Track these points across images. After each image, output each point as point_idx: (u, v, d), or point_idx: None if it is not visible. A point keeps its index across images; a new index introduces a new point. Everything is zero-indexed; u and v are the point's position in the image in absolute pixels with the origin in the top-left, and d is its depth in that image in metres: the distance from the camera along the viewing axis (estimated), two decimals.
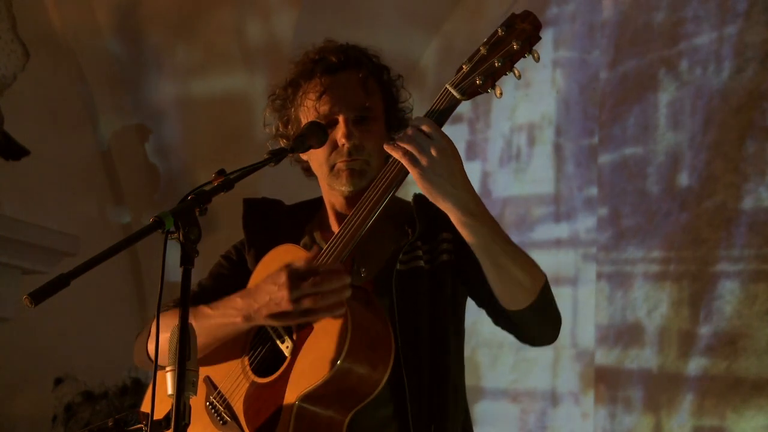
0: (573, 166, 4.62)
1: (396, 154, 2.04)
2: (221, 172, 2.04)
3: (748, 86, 4.08)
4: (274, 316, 2.10)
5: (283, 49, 4.88)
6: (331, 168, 2.27)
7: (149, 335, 2.28)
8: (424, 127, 2.03)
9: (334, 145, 2.25)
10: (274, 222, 2.40)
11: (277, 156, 2.15)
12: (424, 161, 2.01)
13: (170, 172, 5.37)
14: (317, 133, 2.22)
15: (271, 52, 4.97)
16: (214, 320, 2.19)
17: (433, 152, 2.00)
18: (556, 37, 4.67)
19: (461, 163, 2.04)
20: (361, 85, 2.27)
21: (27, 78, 4.69)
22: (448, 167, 2.01)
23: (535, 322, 2.18)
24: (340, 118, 2.25)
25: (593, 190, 4.50)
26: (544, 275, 2.15)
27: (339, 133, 2.24)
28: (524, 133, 4.80)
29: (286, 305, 2.07)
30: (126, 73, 5.31)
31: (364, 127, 2.26)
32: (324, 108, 2.25)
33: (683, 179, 4.21)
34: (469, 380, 2.35)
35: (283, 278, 2.07)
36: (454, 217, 2.04)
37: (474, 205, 2.04)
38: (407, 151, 2.02)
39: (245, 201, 2.45)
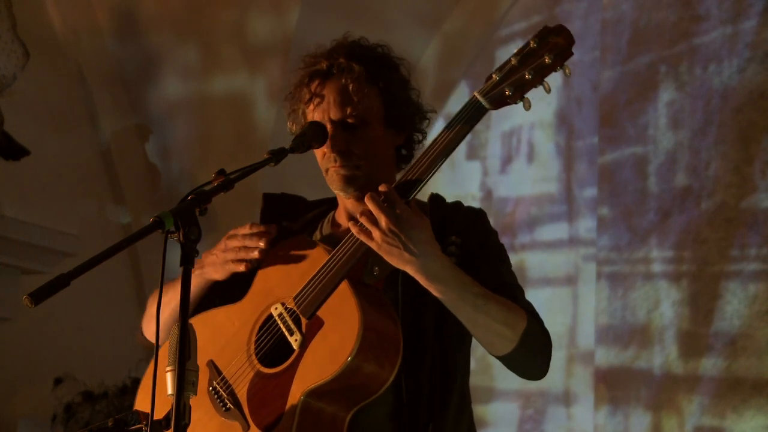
0: (574, 166, 4.62)
1: (354, 230, 2.09)
2: (221, 172, 2.06)
3: (749, 86, 4.08)
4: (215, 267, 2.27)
5: (284, 50, 4.88)
6: (326, 171, 2.29)
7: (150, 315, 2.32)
8: (387, 198, 2.06)
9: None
10: (292, 217, 2.41)
11: (276, 156, 2.17)
12: (376, 235, 2.05)
13: (170, 172, 5.37)
14: (317, 133, 2.24)
15: (272, 52, 4.97)
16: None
17: (384, 225, 2.03)
18: None
19: (423, 230, 2.07)
20: (351, 91, 2.25)
21: (27, 78, 4.69)
22: (402, 236, 2.04)
23: (518, 364, 2.21)
24: (327, 126, 2.25)
25: (593, 190, 4.49)
26: (525, 319, 2.16)
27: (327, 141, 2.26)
28: (526, 132, 4.80)
29: (221, 260, 2.26)
30: (126, 73, 5.31)
31: (353, 132, 2.26)
32: (312, 115, 2.27)
33: (683, 179, 4.21)
34: (481, 381, 2.36)
35: (223, 243, 2.27)
36: (420, 280, 2.09)
37: (438, 269, 2.08)
38: (364, 227, 2.07)
39: (265, 195, 2.47)
